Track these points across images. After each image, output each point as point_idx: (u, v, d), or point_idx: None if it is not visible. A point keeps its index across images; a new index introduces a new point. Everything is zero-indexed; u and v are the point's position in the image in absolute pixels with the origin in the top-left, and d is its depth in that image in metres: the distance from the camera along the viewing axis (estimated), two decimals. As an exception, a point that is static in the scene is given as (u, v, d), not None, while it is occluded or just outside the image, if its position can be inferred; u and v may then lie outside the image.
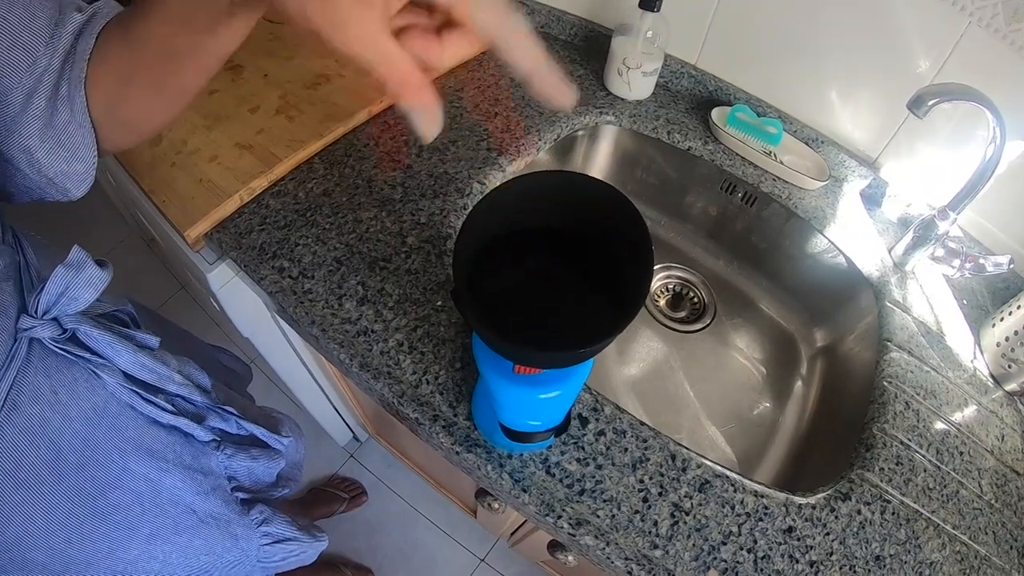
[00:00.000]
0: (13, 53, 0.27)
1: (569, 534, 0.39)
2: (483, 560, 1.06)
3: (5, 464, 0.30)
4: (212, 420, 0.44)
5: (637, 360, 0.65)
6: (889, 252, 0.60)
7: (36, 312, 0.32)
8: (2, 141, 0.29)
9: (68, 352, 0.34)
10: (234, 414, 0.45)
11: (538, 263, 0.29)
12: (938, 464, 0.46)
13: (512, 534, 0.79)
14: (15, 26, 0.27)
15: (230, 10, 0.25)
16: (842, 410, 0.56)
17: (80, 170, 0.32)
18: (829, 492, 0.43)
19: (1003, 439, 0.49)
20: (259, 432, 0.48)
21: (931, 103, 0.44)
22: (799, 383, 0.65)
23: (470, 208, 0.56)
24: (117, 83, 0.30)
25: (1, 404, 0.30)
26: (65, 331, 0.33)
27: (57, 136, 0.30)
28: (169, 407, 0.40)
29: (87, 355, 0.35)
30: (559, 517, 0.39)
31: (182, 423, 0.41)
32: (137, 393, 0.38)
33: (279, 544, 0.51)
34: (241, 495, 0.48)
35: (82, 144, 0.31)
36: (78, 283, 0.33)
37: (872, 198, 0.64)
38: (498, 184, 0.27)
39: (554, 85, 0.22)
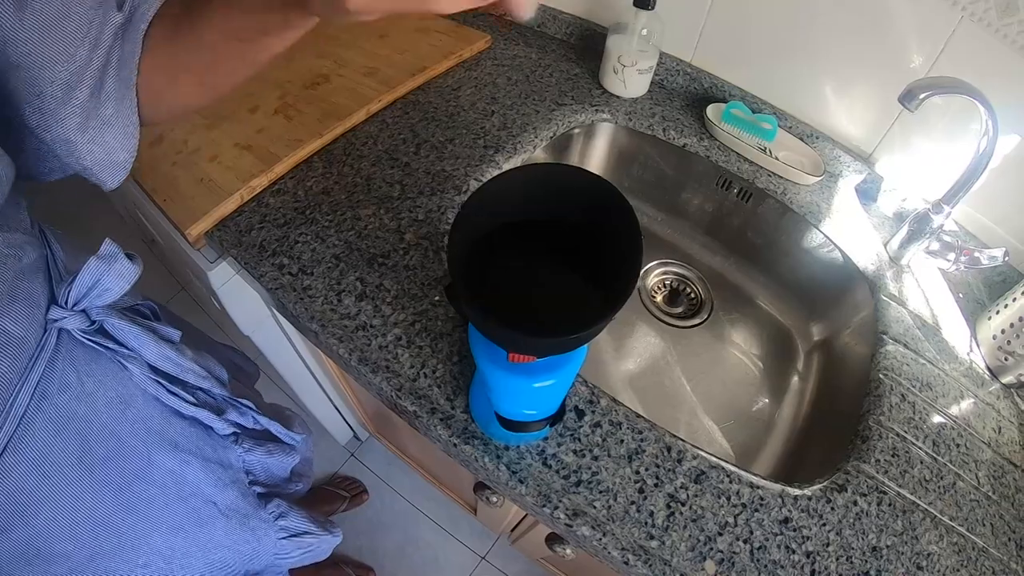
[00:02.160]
0: (50, 47, 0.27)
1: (566, 525, 0.39)
2: (484, 558, 1.06)
3: (32, 455, 0.31)
4: (231, 414, 0.44)
5: (634, 356, 0.65)
6: (884, 246, 0.60)
7: (66, 303, 0.32)
8: (42, 132, 0.29)
9: (96, 343, 0.34)
10: (251, 408, 0.46)
11: (530, 254, 0.29)
12: (935, 456, 0.46)
13: (512, 530, 0.79)
14: (52, 20, 0.27)
15: (284, 22, 0.26)
16: (839, 403, 0.56)
17: (120, 160, 0.32)
18: (825, 484, 0.43)
19: (1000, 431, 0.49)
20: (273, 427, 0.48)
21: (922, 96, 0.44)
22: (796, 377, 0.65)
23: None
24: (167, 79, 0.31)
25: (31, 394, 0.30)
26: (93, 322, 0.34)
27: (101, 128, 0.30)
28: (191, 399, 0.40)
29: (114, 346, 0.35)
30: (556, 508, 0.39)
31: (203, 415, 0.41)
32: (162, 384, 0.38)
33: (295, 538, 0.51)
34: (258, 489, 0.48)
35: (125, 137, 0.32)
36: (110, 275, 0.33)
37: (867, 193, 0.64)
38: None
39: None
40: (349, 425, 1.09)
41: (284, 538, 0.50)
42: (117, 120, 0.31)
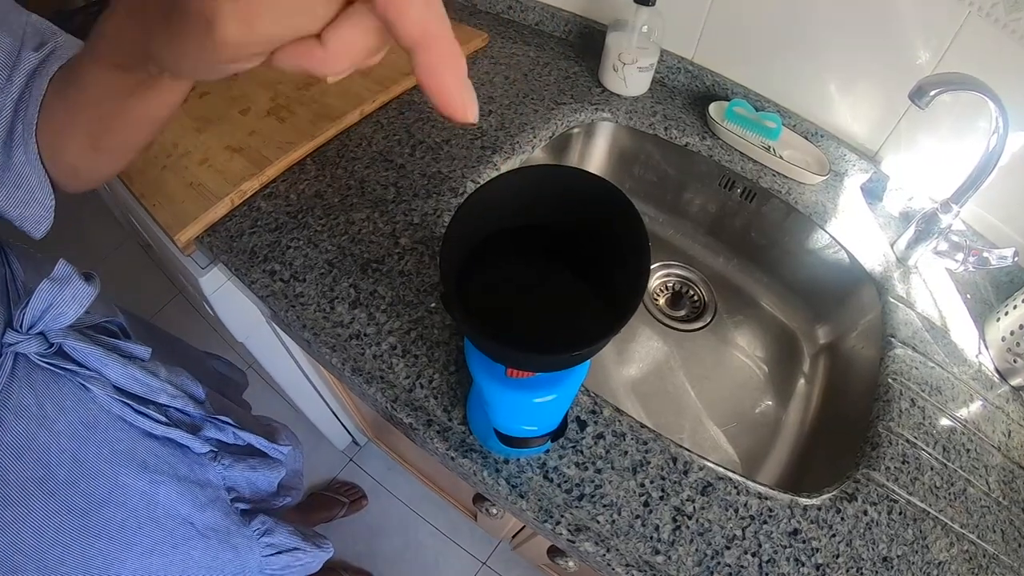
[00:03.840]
0: None
1: (568, 540, 0.38)
2: (485, 563, 1.05)
3: None
4: (208, 431, 0.43)
5: (637, 360, 0.64)
6: (891, 247, 0.59)
7: (21, 327, 0.31)
8: None
9: (55, 366, 0.33)
10: (230, 424, 0.44)
11: (530, 261, 0.28)
12: (945, 462, 0.45)
13: (514, 537, 0.78)
14: None
15: (154, 79, 0.24)
16: (846, 408, 0.55)
17: (37, 213, 0.32)
18: (835, 493, 0.42)
19: (1010, 435, 0.48)
20: (256, 441, 0.47)
21: (933, 93, 0.43)
22: (802, 381, 0.64)
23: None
24: (53, 134, 0.30)
25: None
26: (51, 345, 0.33)
27: (14, 178, 0.30)
28: (162, 418, 0.39)
29: (75, 368, 0.34)
30: (558, 523, 0.38)
31: (176, 434, 0.40)
32: (128, 405, 0.37)
33: (282, 554, 0.50)
34: (241, 506, 0.47)
35: (38, 187, 0.31)
36: (63, 299, 0.32)
37: (873, 192, 0.63)
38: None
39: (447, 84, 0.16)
40: (347, 430, 1.08)
41: (270, 555, 0.48)
42: (27, 167, 0.30)
